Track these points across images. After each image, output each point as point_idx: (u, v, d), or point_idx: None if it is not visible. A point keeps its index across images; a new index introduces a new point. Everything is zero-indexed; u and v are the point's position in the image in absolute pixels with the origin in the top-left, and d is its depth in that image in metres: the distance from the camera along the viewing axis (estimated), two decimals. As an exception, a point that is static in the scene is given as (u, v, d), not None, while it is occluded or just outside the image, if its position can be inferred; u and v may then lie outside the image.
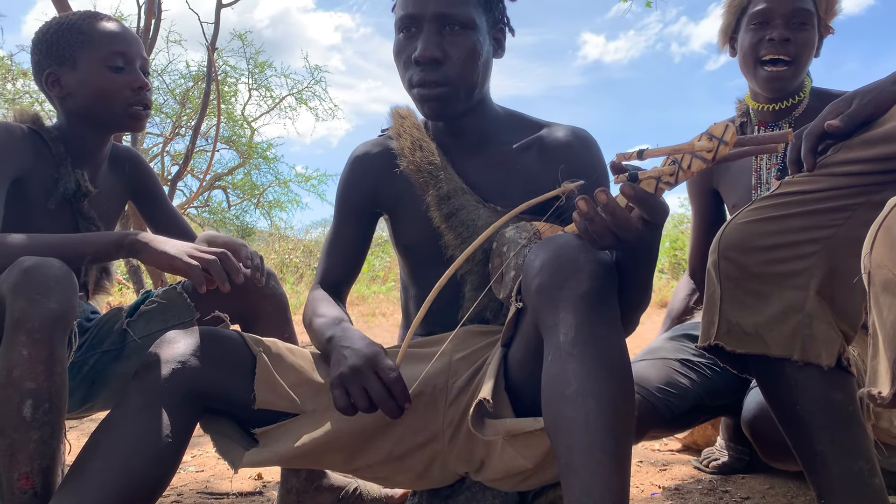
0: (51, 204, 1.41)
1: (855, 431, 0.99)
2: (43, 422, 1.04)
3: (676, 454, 2.01)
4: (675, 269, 9.86)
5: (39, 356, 1.03)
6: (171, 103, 11.55)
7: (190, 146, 6.37)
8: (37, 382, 1.03)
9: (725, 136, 0.89)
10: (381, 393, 1.04)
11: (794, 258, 1.00)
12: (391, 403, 1.05)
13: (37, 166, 1.39)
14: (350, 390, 1.05)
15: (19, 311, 1.03)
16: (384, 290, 8.34)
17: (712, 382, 1.56)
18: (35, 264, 1.06)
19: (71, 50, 1.42)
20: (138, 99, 1.45)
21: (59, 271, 1.07)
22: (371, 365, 1.05)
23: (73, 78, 1.42)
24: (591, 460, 0.86)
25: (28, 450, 1.03)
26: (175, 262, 1.21)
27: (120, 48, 1.44)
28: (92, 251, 1.23)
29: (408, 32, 1.24)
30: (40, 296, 1.03)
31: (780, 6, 1.56)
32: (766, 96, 1.64)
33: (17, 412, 1.02)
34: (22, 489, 1.03)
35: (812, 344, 0.99)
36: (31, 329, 1.02)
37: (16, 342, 1.02)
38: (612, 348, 0.93)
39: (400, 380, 1.05)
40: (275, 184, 13.10)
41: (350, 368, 1.06)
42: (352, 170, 1.39)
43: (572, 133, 1.30)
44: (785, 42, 1.55)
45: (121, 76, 1.43)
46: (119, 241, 1.25)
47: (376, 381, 1.04)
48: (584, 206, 0.93)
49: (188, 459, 2.07)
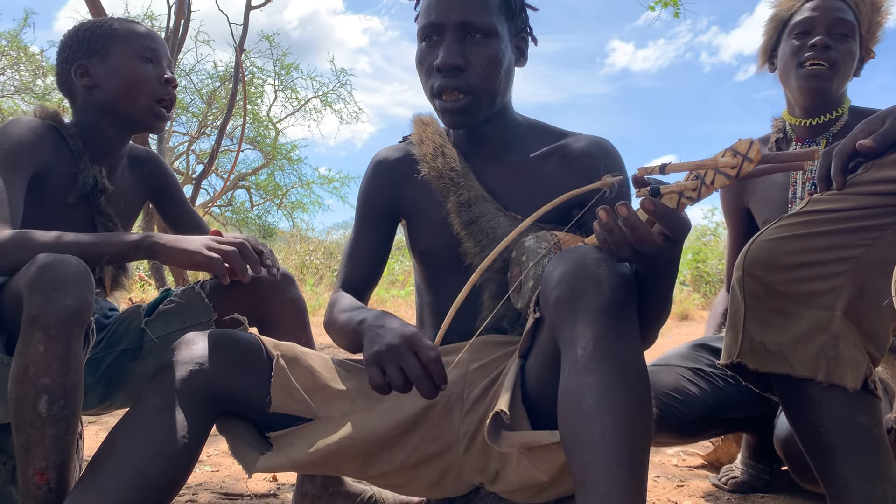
0: (70, 199, 1.42)
1: (879, 456, 0.97)
2: (58, 418, 1.04)
3: (694, 470, 1.99)
4: (697, 282, 9.77)
5: (55, 353, 1.04)
6: (197, 102, 11.69)
7: (215, 146, 6.43)
8: (52, 379, 1.04)
9: (750, 152, 0.88)
10: (418, 372, 1.01)
11: (821, 277, 0.98)
12: (428, 383, 1.02)
13: (56, 162, 1.41)
14: (386, 368, 1.02)
15: (36, 308, 1.04)
16: (403, 295, 8.34)
17: (724, 394, 1.56)
18: (52, 261, 1.07)
19: (103, 43, 1.47)
20: (165, 93, 1.48)
21: (75, 269, 1.08)
22: (409, 343, 1.03)
23: (103, 69, 1.46)
24: (606, 477, 0.85)
25: (43, 445, 1.03)
26: (196, 258, 1.22)
27: (150, 44, 1.49)
28: (111, 251, 1.24)
29: (430, 41, 1.24)
30: (56, 293, 1.04)
31: (823, 16, 1.58)
32: (803, 104, 1.63)
33: (32, 408, 1.03)
34: (37, 484, 1.03)
35: (837, 365, 0.97)
36: (47, 326, 1.03)
37: (32, 338, 1.03)
38: (631, 363, 0.92)
39: (439, 359, 1.02)
40: (297, 185, 13.20)
41: (387, 346, 1.03)
42: (373, 174, 1.39)
43: (594, 143, 1.30)
44: (826, 49, 1.56)
45: (151, 68, 1.47)
46: (138, 243, 1.26)
47: (414, 360, 1.02)
48: (604, 217, 0.92)
49: (204, 458, 2.08)
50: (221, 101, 11.34)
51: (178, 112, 11.62)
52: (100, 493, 0.98)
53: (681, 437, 1.60)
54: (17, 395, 1.04)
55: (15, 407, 1.04)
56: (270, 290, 1.42)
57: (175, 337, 1.27)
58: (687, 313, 7.83)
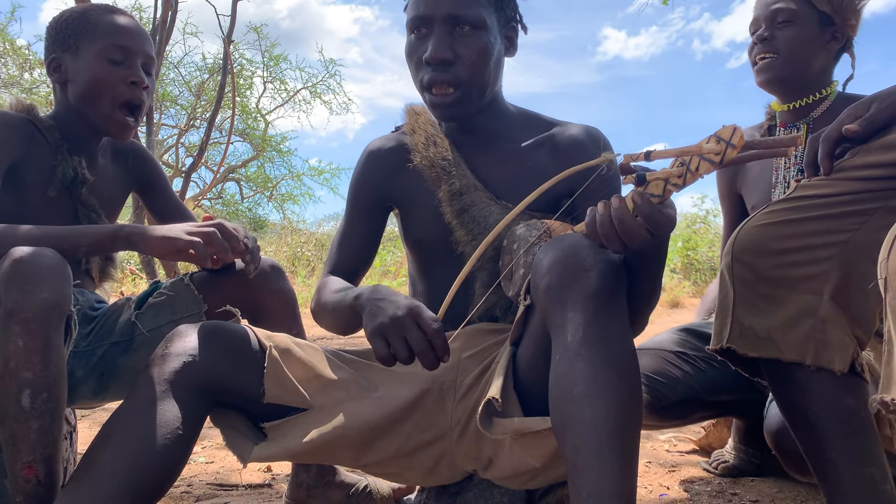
0: (51, 191, 1.41)
1: (867, 437, 0.98)
2: (42, 411, 1.04)
3: (686, 455, 2.01)
4: (687, 270, 9.81)
5: (35, 346, 1.03)
6: (186, 95, 11.63)
7: (204, 138, 6.41)
8: (34, 372, 1.03)
9: (733, 139, 0.89)
10: (422, 343, 1.02)
11: (809, 262, 0.99)
12: (431, 355, 1.03)
13: (32, 154, 1.39)
14: (390, 340, 1.03)
15: (12, 302, 1.03)
16: (395, 285, 8.35)
17: (708, 377, 1.58)
18: (26, 254, 1.06)
19: (76, 37, 1.43)
20: (131, 95, 1.42)
21: (50, 261, 1.07)
22: (413, 315, 1.03)
23: (73, 65, 1.43)
24: (598, 461, 0.86)
25: (29, 439, 1.03)
26: (177, 243, 1.22)
27: (122, 42, 1.42)
28: (87, 243, 1.23)
29: (419, 33, 1.24)
30: (33, 286, 1.04)
31: (763, 10, 1.64)
32: (772, 93, 1.68)
33: (15, 402, 1.03)
34: (25, 478, 1.04)
35: (825, 349, 0.98)
36: (25, 319, 1.03)
37: (11, 333, 1.03)
38: (621, 348, 0.93)
39: (442, 331, 1.03)
40: (288, 177, 13.16)
41: (391, 318, 1.04)
42: (365, 164, 1.39)
43: (584, 132, 1.30)
44: (764, 41, 1.62)
45: (117, 69, 1.42)
46: (115, 234, 1.25)
47: (418, 332, 1.02)
48: (601, 209, 0.93)
49: (198, 451, 2.08)
50: (210, 94, 11.29)
51: (167, 105, 11.55)
52: (95, 485, 0.99)
53: (663, 419, 1.62)
54: (0, 391, 1.03)
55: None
56: (260, 282, 1.42)
57: (166, 330, 1.27)
58: (677, 301, 7.87)
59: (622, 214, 0.91)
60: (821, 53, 1.61)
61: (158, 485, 1.04)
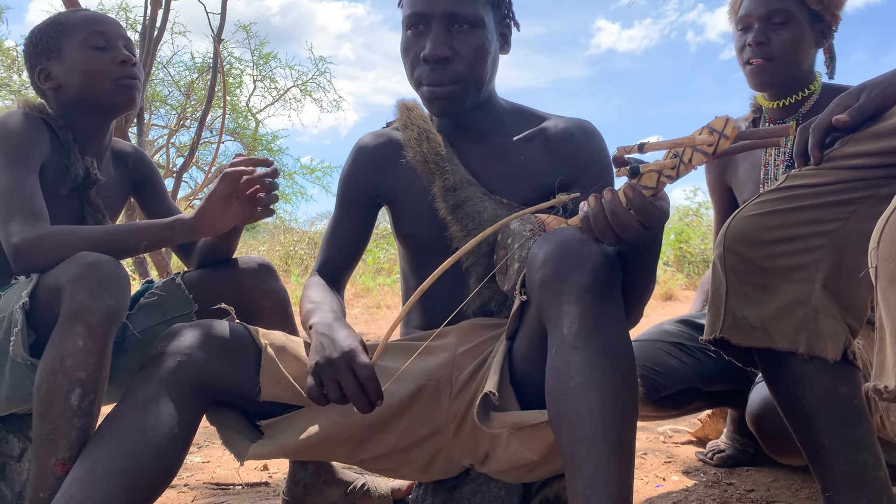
0: (62, 191, 1.42)
1: (860, 425, 0.99)
2: (87, 412, 1.07)
3: (681, 447, 2.02)
4: (681, 262, 9.83)
5: (94, 348, 1.07)
6: (175, 95, 11.57)
7: (195, 138, 6.37)
8: (87, 373, 1.07)
9: (726, 130, 0.89)
10: (353, 388, 1.03)
11: (801, 252, 1.00)
12: (363, 399, 1.03)
13: (50, 154, 1.41)
14: (323, 381, 1.04)
15: (80, 304, 1.07)
16: (389, 283, 8.33)
17: (705, 367, 1.58)
18: (98, 260, 1.12)
19: (54, 41, 1.45)
20: (125, 73, 1.46)
21: (118, 269, 1.13)
22: (347, 360, 1.04)
23: (62, 67, 1.45)
24: (594, 452, 0.87)
25: (70, 437, 1.06)
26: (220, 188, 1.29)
27: (98, 28, 1.46)
28: (148, 237, 1.29)
29: (416, 30, 1.24)
30: (102, 290, 1.09)
31: (757, 9, 1.58)
32: (763, 94, 1.66)
33: (64, 400, 1.05)
34: (56, 474, 1.05)
35: (818, 337, 0.99)
36: (89, 322, 1.07)
37: (72, 332, 1.06)
38: (616, 340, 0.94)
39: (373, 378, 1.04)
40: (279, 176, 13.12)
41: (325, 360, 1.04)
42: (354, 160, 1.39)
43: (576, 125, 1.30)
44: (761, 45, 1.57)
45: (104, 54, 1.45)
46: (172, 225, 1.30)
47: (350, 376, 1.03)
48: (593, 203, 0.94)
49: (195, 451, 2.08)
50: (200, 93, 11.24)
51: (157, 105, 11.49)
52: (92, 485, 0.99)
53: (661, 410, 1.62)
54: (49, 385, 1.06)
55: (44, 397, 1.06)
56: (250, 282, 1.43)
57: (157, 330, 1.28)
58: (671, 293, 7.88)
59: (615, 207, 0.91)
60: (811, 52, 1.61)
61: (156, 484, 1.04)
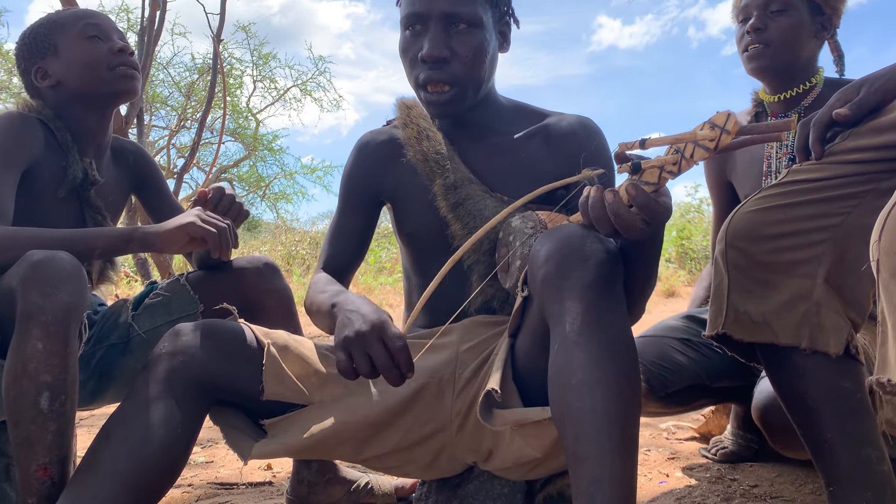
0: (60, 193, 1.41)
1: (863, 419, 0.99)
2: (59, 413, 1.05)
3: (685, 443, 2.02)
4: (682, 259, 9.83)
5: (55, 349, 1.04)
6: (176, 96, 11.58)
7: (196, 139, 6.39)
8: (52, 375, 1.04)
9: (727, 125, 0.89)
10: (385, 360, 1.02)
11: (802, 246, 0.99)
12: (395, 372, 1.02)
13: (46, 156, 1.39)
14: (353, 355, 1.03)
15: (32, 305, 1.03)
16: (391, 282, 8.34)
17: (712, 363, 1.58)
18: (45, 257, 1.07)
19: (49, 39, 1.45)
20: (122, 61, 1.46)
21: (68, 264, 1.08)
22: (377, 332, 1.03)
23: (59, 63, 1.45)
24: (597, 449, 0.87)
25: (46, 441, 1.04)
26: (192, 229, 1.23)
27: (91, 21, 1.47)
28: (102, 245, 1.24)
29: (413, 30, 1.23)
30: (53, 288, 1.04)
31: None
32: (763, 83, 1.67)
33: (33, 405, 1.03)
34: (40, 479, 1.04)
35: (820, 332, 0.99)
36: (45, 322, 1.03)
37: (30, 335, 1.03)
38: (618, 337, 0.94)
39: (405, 349, 1.03)
40: (280, 175, 13.13)
41: (356, 333, 1.03)
42: (356, 158, 1.39)
43: (577, 122, 1.30)
44: (758, 31, 1.59)
45: (100, 44, 1.45)
46: (129, 236, 1.26)
47: (381, 349, 1.02)
48: (593, 192, 0.94)
49: (198, 451, 2.08)
50: (200, 94, 11.25)
51: (158, 106, 11.50)
52: (96, 486, 0.99)
53: (668, 406, 1.62)
54: (16, 392, 1.04)
55: (13, 404, 1.04)
56: (255, 281, 1.43)
57: (162, 330, 1.27)
58: (673, 290, 7.89)
59: (617, 208, 0.91)
60: (810, 43, 1.61)
61: (159, 484, 1.04)
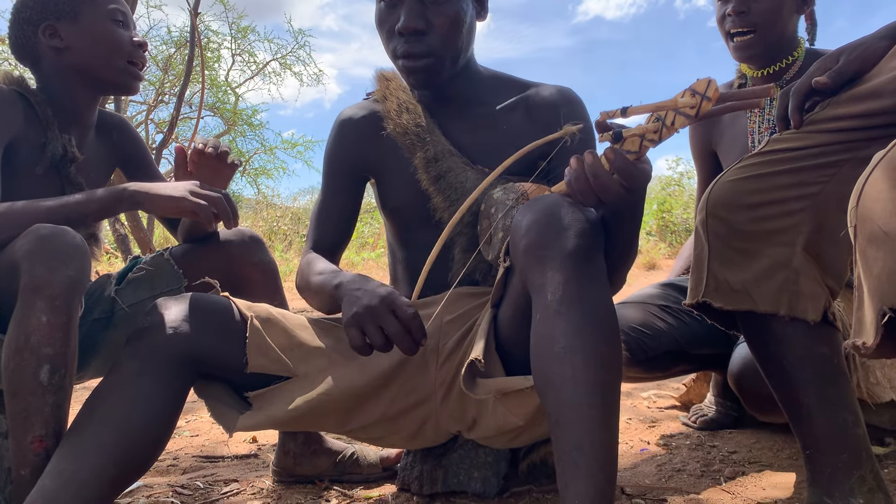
0: (38, 170, 1.39)
1: (840, 384, 1.01)
2: (59, 386, 1.05)
3: (665, 411, 2.05)
4: (663, 232, 9.90)
5: (58, 322, 1.04)
6: (153, 70, 11.38)
7: (174, 114, 6.30)
8: (54, 348, 1.04)
9: (708, 91, 0.89)
10: (398, 330, 1.03)
11: (782, 215, 1.01)
12: (408, 339, 1.04)
13: (27, 131, 1.37)
14: (365, 329, 1.04)
15: (39, 278, 1.04)
16: (374, 257, 8.34)
17: (691, 330, 1.61)
18: (52, 232, 1.07)
19: (72, 4, 1.41)
20: (137, 55, 1.45)
21: (74, 239, 1.08)
22: (387, 304, 1.04)
23: (74, 30, 1.41)
24: (579, 416, 0.88)
25: (44, 413, 1.04)
26: (182, 204, 1.22)
27: (121, 7, 1.45)
28: (94, 209, 1.24)
29: (389, 1, 1.22)
30: (59, 262, 1.05)
31: None
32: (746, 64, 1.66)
33: (33, 377, 1.04)
34: (35, 451, 1.04)
35: (798, 299, 1.01)
36: (51, 296, 1.03)
37: (35, 308, 1.03)
38: (599, 306, 0.94)
39: (417, 316, 1.05)
40: (260, 151, 13.00)
41: (365, 308, 1.04)
42: (337, 134, 1.38)
43: (558, 92, 1.30)
44: (741, 14, 1.57)
45: (124, 31, 1.44)
46: (119, 195, 1.25)
47: (393, 319, 1.04)
48: (574, 164, 0.94)
49: (183, 424, 2.09)
50: (178, 68, 11.07)
51: (136, 81, 11.30)
52: (81, 459, 0.99)
53: (648, 371, 1.65)
54: (16, 364, 1.04)
55: (13, 376, 1.04)
56: (240, 254, 1.42)
57: (146, 305, 1.26)
58: (654, 263, 7.96)
59: (597, 170, 0.91)
60: (793, 18, 1.61)
61: (145, 457, 1.05)
